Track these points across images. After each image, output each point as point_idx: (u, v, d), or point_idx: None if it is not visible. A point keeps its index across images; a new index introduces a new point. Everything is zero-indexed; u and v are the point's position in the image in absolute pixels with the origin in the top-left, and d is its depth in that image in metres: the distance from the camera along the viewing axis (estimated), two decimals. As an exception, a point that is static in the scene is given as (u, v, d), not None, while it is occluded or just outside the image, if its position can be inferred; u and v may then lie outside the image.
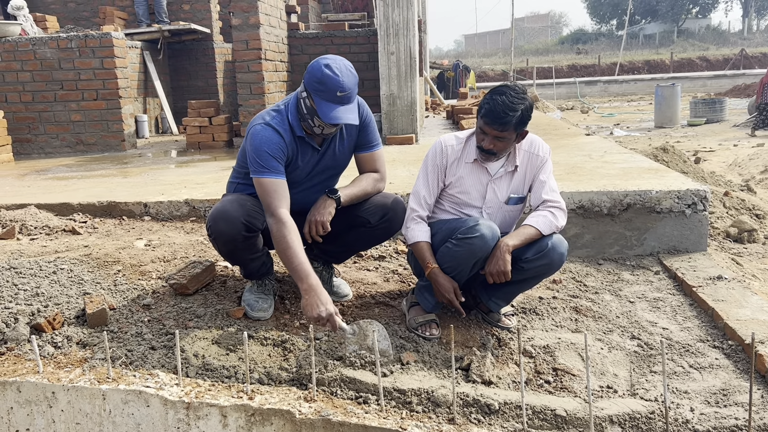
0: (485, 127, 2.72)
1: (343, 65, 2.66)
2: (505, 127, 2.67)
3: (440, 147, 2.91)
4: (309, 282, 2.54)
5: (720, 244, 4.58)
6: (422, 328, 2.84)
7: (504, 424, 2.34)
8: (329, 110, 2.63)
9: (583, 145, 6.48)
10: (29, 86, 7.81)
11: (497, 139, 2.72)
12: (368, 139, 2.97)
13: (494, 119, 2.67)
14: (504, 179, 2.90)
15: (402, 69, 7.14)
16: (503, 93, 2.68)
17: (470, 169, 2.89)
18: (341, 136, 2.91)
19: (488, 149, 2.76)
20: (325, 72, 2.61)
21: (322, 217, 2.77)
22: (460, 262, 2.73)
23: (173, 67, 11.26)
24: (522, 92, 2.70)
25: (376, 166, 3.01)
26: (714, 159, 10.06)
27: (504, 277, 2.69)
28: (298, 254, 2.57)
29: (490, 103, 2.68)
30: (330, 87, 2.60)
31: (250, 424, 2.29)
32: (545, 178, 2.89)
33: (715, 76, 28.10)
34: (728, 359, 2.74)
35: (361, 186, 2.94)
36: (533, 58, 38.07)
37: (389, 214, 2.95)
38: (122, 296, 3.01)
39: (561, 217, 2.83)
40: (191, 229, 4.18)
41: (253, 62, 7.07)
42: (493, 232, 2.70)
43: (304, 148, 2.84)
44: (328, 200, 2.82)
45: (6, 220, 4.22)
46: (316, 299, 2.50)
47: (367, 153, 2.99)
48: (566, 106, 22.79)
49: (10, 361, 2.52)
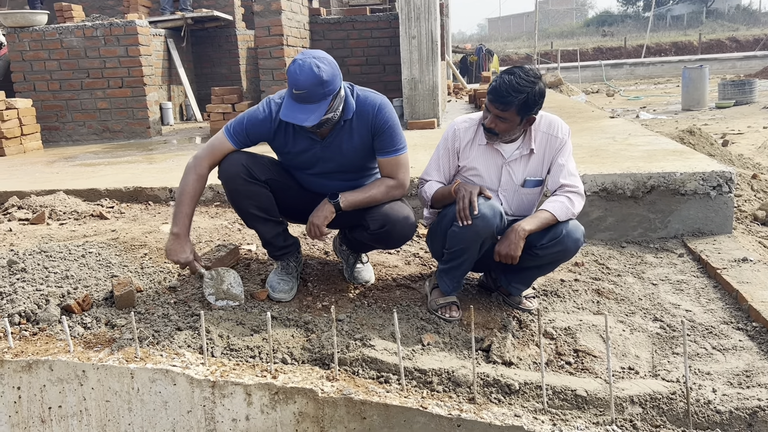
0: (489, 104, 2.71)
1: (310, 63, 2.57)
2: (506, 107, 2.64)
3: (453, 130, 2.90)
4: (176, 230, 2.82)
5: (747, 227, 4.51)
6: (442, 310, 2.86)
7: (524, 404, 2.36)
8: (285, 107, 2.64)
9: (607, 128, 6.41)
10: (56, 75, 7.93)
11: (499, 119, 2.70)
12: (385, 143, 2.83)
13: (496, 97, 2.65)
14: (519, 162, 2.86)
15: (423, 53, 7.11)
16: (512, 73, 2.66)
17: (483, 151, 2.87)
18: (349, 133, 2.83)
19: (489, 127, 2.74)
20: (290, 67, 2.60)
21: (318, 221, 2.80)
22: (467, 243, 2.71)
23: (197, 54, 11.34)
24: (533, 76, 2.65)
25: (393, 171, 2.87)
26: (742, 142, 9.88)
27: (511, 260, 2.68)
28: (185, 202, 2.83)
29: (497, 81, 2.66)
30: (290, 82, 2.61)
31: (274, 402, 2.34)
32: (564, 161, 2.84)
33: (744, 57, 27.49)
34: (752, 341, 2.73)
35: (370, 192, 2.86)
36: (558, 41, 37.58)
37: (387, 226, 2.82)
38: (149, 279, 3.07)
39: (578, 202, 2.78)
40: (215, 214, 4.24)
41: (275, 48, 7.10)
42: (494, 210, 2.67)
43: (299, 135, 2.83)
44: (327, 204, 2.82)
45: (36, 205, 4.32)
46: (179, 246, 2.82)
47: (384, 158, 2.86)
48: (591, 89, 22.50)
49: (42, 341, 2.60)
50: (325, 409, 2.32)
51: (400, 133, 2.86)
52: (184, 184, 2.84)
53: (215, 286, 2.87)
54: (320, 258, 3.47)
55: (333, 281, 3.19)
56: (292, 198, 2.96)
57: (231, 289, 2.88)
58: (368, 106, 2.80)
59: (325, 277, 3.22)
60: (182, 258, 2.81)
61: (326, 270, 3.31)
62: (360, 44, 8.52)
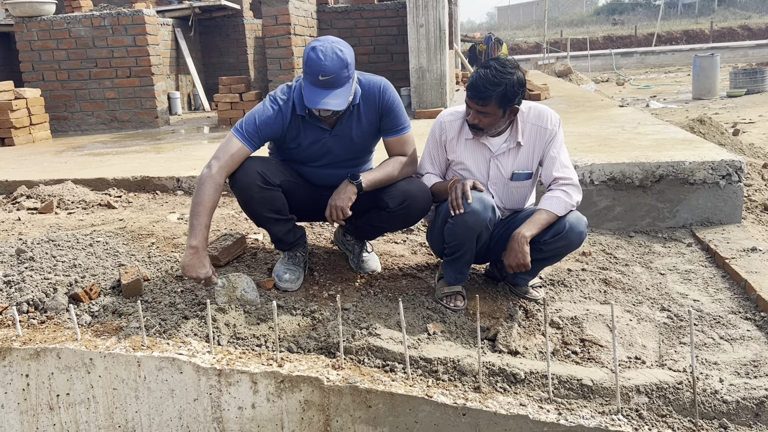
0: (468, 101, 2.69)
1: (331, 48, 2.60)
2: (485, 101, 2.62)
3: (439, 123, 2.90)
4: (195, 243, 2.66)
5: (757, 216, 4.47)
6: (447, 299, 2.86)
7: (530, 393, 2.36)
8: (311, 94, 2.62)
9: (616, 117, 6.37)
10: (65, 64, 7.95)
11: (481, 114, 2.68)
12: (393, 123, 2.89)
13: (474, 93, 2.63)
14: (507, 155, 2.84)
15: (431, 42, 7.07)
16: (488, 66, 2.64)
17: (470, 145, 2.85)
18: (358, 118, 2.85)
19: (472, 123, 2.72)
20: (310, 55, 2.59)
21: (342, 203, 2.76)
22: (463, 238, 2.70)
23: (204, 43, 11.33)
24: (510, 66, 2.63)
25: (403, 149, 2.93)
26: (754, 131, 9.79)
27: (524, 268, 2.67)
28: (203, 213, 2.67)
29: (474, 76, 2.64)
30: (313, 70, 2.59)
31: (280, 390, 2.35)
32: (555, 153, 2.80)
33: (757, 45, 27.19)
34: (760, 331, 2.71)
35: (387, 171, 2.88)
36: (567, 29, 37.30)
37: (408, 201, 2.85)
38: (156, 268, 3.09)
39: (575, 194, 2.74)
40: (222, 203, 4.24)
41: (283, 37, 7.08)
42: (484, 204, 2.65)
43: (308, 128, 2.83)
44: (349, 186, 2.79)
45: (45, 194, 4.35)
46: (197, 261, 2.66)
47: (392, 137, 2.91)
48: (601, 78, 22.34)
49: (50, 329, 2.61)
50: (331, 398, 2.32)
51: (404, 111, 2.94)
52: (201, 194, 2.69)
53: (228, 294, 2.77)
54: (327, 247, 3.47)
55: (339, 270, 3.19)
56: (302, 196, 2.96)
57: (245, 294, 2.78)
58: (373, 89, 2.83)
59: (331, 267, 3.23)
60: (202, 274, 2.67)
61: (332, 259, 3.31)
62: (368, 33, 8.49)
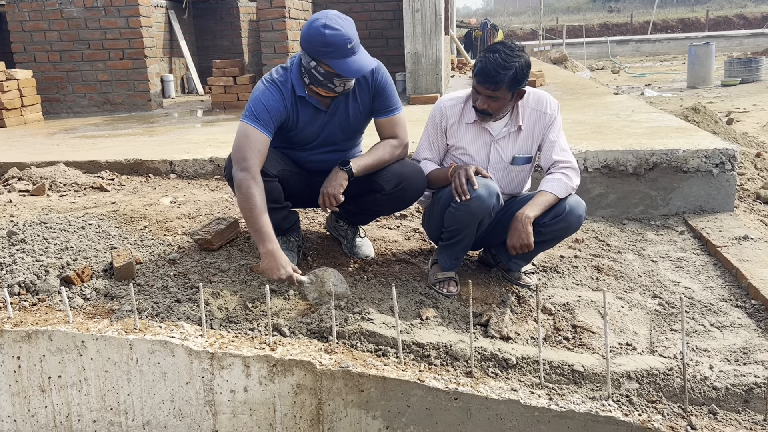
0: (478, 86, 2.67)
1: (337, 16, 2.62)
2: (497, 86, 2.61)
3: (439, 108, 2.88)
4: (269, 247, 2.59)
5: (749, 205, 4.49)
6: (440, 285, 2.86)
7: (521, 378, 2.37)
8: (348, 65, 2.60)
9: (610, 105, 6.37)
10: (57, 46, 7.87)
11: (491, 99, 2.66)
12: (385, 103, 2.87)
13: (486, 78, 2.61)
14: (508, 139, 2.84)
15: (427, 27, 7.03)
16: (496, 51, 2.61)
17: (471, 130, 2.84)
18: (353, 98, 2.85)
19: (482, 109, 2.70)
20: (328, 33, 2.57)
21: (333, 190, 2.74)
22: (464, 224, 2.71)
23: (198, 26, 11.23)
24: (517, 50, 2.63)
25: (395, 131, 2.91)
26: (747, 120, 9.81)
27: (527, 248, 2.67)
28: (261, 216, 2.60)
29: (483, 61, 2.61)
30: (339, 44, 2.57)
31: (272, 374, 2.35)
32: (555, 137, 2.82)
33: (752, 34, 27.16)
34: (750, 318, 2.73)
35: (378, 155, 2.86)
36: (563, 16, 37.17)
37: (403, 183, 2.85)
38: (148, 251, 3.08)
39: (574, 177, 2.78)
40: (216, 187, 4.23)
41: (277, 20, 7.03)
42: (490, 190, 2.66)
43: (306, 109, 2.81)
44: (340, 172, 2.77)
45: (36, 177, 4.32)
46: (275, 263, 2.58)
47: (384, 118, 2.90)
48: (596, 65, 22.30)
49: (42, 311, 2.61)
50: (323, 382, 2.33)
51: (396, 92, 2.92)
52: (250, 197, 2.59)
53: (318, 290, 2.69)
54: (320, 232, 3.46)
55: (333, 255, 3.18)
56: (297, 183, 2.94)
57: (336, 288, 2.69)
58: None
59: (324, 252, 3.22)
60: (284, 274, 2.59)
61: (326, 244, 3.30)
62: (363, 17, 8.43)
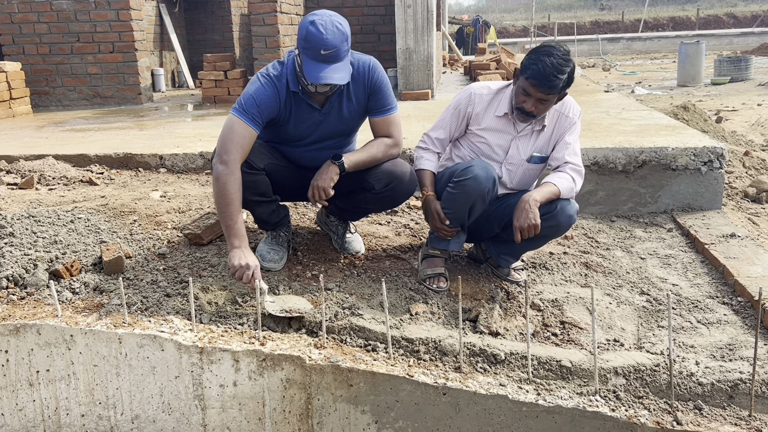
0: (530, 88, 2.62)
1: (330, 21, 2.56)
2: (552, 90, 2.59)
3: (468, 94, 2.87)
4: (236, 244, 2.61)
5: (737, 203, 4.54)
6: (430, 281, 2.87)
7: (509, 374, 2.39)
8: (313, 69, 2.56)
9: (601, 102, 6.39)
10: (46, 38, 7.80)
11: (540, 102, 2.64)
12: (381, 102, 2.85)
13: (542, 82, 2.57)
14: (530, 137, 2.85)
15: (419, 22, 7.03)
16: (551, 54, 2.57)
17: (498, 122, 2.84)
18: (348, 97, 2.83)
19: (530, 111, 2.68)
20: (310, 29, 2.54)
21: (324, 183, 2.73)
22: (457, 205, 2.71)
23: (189, 20, 11.17)
24: (567, 53, 2.63)
25: (389, 130, 2.90)
26: (736, 118, 9.87)
27: (535, 230, 2.63)
28: (234, 213, 2.60)
29: (538, 65, 2.57)
30: (314, 45, 2.54)
31: (262, 368, 2.35)
32: (571, 140, 2.83)
33: (742, 33, 27.29)
34: (737, 315, 2.76)
35: (370, 152, 2.85)
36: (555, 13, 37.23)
37: (393, 183, 2.85)
38: (138, 245, 3.07)
39: (579, 183, 2.80)
40: (206, 182, 4.22)
41: (269, 15, 7.00)
42: (487, 172, 2.66)
43: (300, 105, 2.79)
44: (332, 166, 2.76)
45: (25, 170, 4.29)
46: (242, 255, 2.59)
47: (379, 117, 2.88)
48: (588, 63, 22.36)
49: (30, 305, 2.60)
50: (313, 376, 2.34)
51: (392, 92, 2.91)
52: (226, 192, 2.58)
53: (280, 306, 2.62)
54: (310, 228, 3.46)
55: (323, 251, 3.19)
56: (285, 177, 2.92)
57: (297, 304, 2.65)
58: (362, 67, 2.79)
59: (315, 247, 3.22)
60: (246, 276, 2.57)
61: (316, 240, 3.30)
62: (355, 12, 8.41)
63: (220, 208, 2.62)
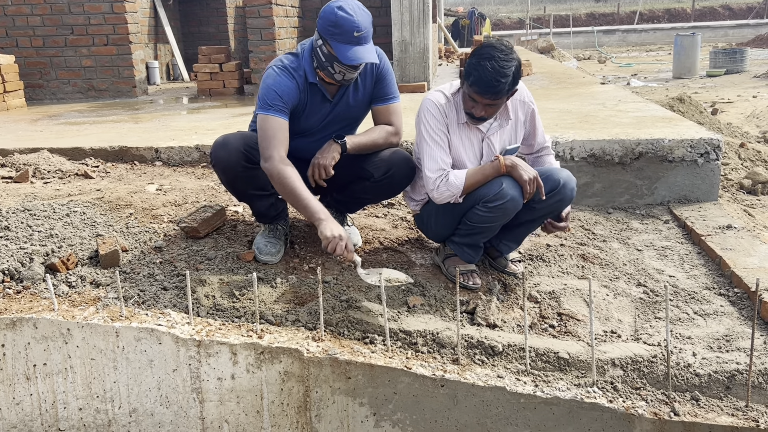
0: (476, 95, 2.55)
1: (356, 5, 2.63)
2: (498, 95, 2.52)
3: (435, 108, 2.73)
4: (321, 216, 2.59)
5: (733, 195, 4.55)
6: (464, 278, 2.84)
7: (507, 365, 2.39)
8: (349, 52, 2.59)
9: (597, 94, 6.39)
10: (39, 31, 7.75)
11: (489, 106, 2.59)
12: (385, 91, 2.90)
13: (486, 89, 2.49)
14: (498, 133, 2.83)
15: (414, 15, 7.00)
16: (491, 57, 2.47)
17: (463, 128, 2.78)
18: (356, 86, 2.86)
19: (480, 116, 2.64)
20: (339, 14, 2.58)
21: (325, 161, 2.75)
22: (495, 223, 2.73)
23: (184, 12, 11.12)
24: (509, 51, 2.53)
25: (391, 119, 2.93)
26: (732, 110, 9.89)
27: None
28: (303, 193, 2.61)
29: (479, 71, 2.48)
30: (346, 28, 2.57)
31: (259, 361, 2.35)
32: (538, 123, 2.93)
33: (737, 25, 27.36)
34: (733, 306, 2.76)
35: (372, 137, 2.88)
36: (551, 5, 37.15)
37: (392, 170, 2.86)
38: (134, 239, 3.06)
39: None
40: (202, 174, 4.20)
41: (264, 7, 6.96)
42: (517, 189, 2.64)
43: (315, 96, 2.81)
44: (334, 145, 2.79)
45: (20, 163, 4.26)
46: (332, 226, 2.57)
47: (383, 105, 2.92)
48: (583, 55, 22.35)
49: (26, 299, 2.59)
50: (311, 369, 2.34)
51: (395, 82, 2.95)
52: (285, 183, 2.61)
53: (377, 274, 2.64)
54: (308, 221, 3.45)
55: (320, 244, 3.16)
56: None
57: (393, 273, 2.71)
58: None
59: (312, 240, 3.22)
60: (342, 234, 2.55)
61: (313, 232, 3.28)
62: (350, 5, 8.37)
63: (290, 199, 2.67)
